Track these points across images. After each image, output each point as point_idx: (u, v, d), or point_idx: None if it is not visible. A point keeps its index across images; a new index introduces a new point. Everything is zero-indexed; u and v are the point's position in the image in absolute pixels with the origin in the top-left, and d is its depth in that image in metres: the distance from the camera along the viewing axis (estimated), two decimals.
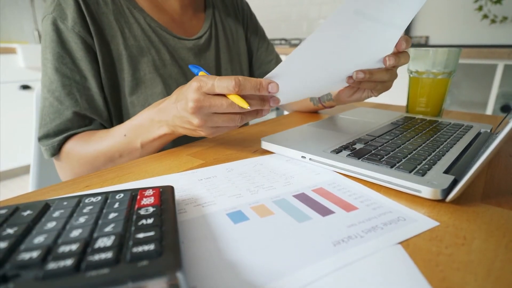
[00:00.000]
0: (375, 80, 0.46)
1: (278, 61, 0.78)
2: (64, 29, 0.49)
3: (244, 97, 0.36)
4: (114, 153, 0.46)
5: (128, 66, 0.53)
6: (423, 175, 0.32)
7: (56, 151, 0.50)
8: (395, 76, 0.48)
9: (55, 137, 0.50)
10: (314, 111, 0.72)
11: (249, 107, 0.35)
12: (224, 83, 0.34)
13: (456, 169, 0.34)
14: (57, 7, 0.49)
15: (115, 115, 0.55)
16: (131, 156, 0.46)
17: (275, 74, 0.35)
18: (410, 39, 0.44)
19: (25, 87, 2.03)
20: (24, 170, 2.21)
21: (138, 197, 0.26)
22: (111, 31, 0.52)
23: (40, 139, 0.50)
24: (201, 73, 0.40)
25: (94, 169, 0.48)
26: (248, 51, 0.75)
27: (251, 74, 0.77)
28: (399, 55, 0.44)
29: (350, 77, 0.45)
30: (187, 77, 0.60)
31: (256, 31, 0.76)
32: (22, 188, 2.02)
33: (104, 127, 0.53)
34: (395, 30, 0.40)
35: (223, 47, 0.66)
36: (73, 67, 0.50)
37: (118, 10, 0.53)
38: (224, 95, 0.36)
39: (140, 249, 0.19)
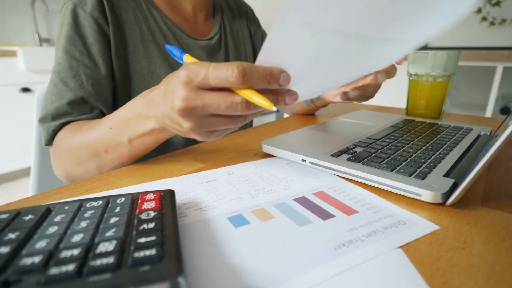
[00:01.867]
0: (365, 95, 0.52)
1: None
2: (82, 14, 0.50)
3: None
4: (98, 147, 0.42)
5: (144, 59, 0.55)
6: (423, 178, 0.32)
7: (51, 138, 0.48)
8: (379, 88, 0.53)
9: (52, 121, 0.48)
10: (309, 112, 0.74)
11: (274, 108, 0.27)
12: (222, 73, 0.26)
13: (456, 172, 0.34)
14: None
15: (123, 104, 0.55)
16: (117, 152, 0.41)
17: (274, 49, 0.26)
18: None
19: (26, 89, 2.03)
20: (24, 172, 2.21)
21: (139, 201, 0.26)
22: (130, 25, 0.54)
23: (39, 121, 0.50)
24: (187, 56, 0.33)
25: (80, 164, 0.45)
26: (253, 52, 0.79)
27: None
28: (389, 70, 0.46)
29: (345, 92, 0.52)
30: None
31: (259, 33, 0.80)
32: (22, 191, 2.01)
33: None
34: (409, 44, 0.34)
35: (231, 49, 0.69)
36: (83, 50, 0.50)
37: (137, 6, 0.55)
38: (225, 88, 0.28)
39: (141, 254, 0.19)
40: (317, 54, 0.27)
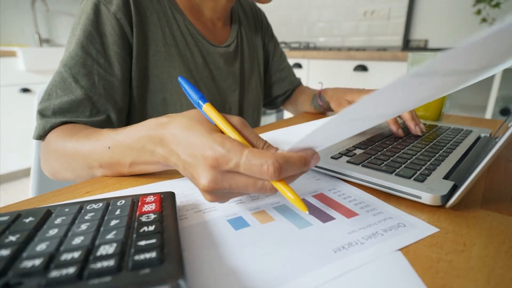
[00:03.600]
0: None
1: (289, 68, 0.85)
2: (105, 12, 0.48)
3: None
4: (93, 161, 0.38)
5: (165, 63, 0.55)
6: (423, 181, 0.32)
7: (46, 134, 0.45)
8: None
9: (52, 117, 0.45)
10: (316, 112, 0.77)
11: (307, 212, 0.25)
12: (255, 167, 0.24)
13: (456, 174, 0.35)
14: None
15: (138, 109, 0.55)
16: (114, 170, 0.38)
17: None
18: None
19: (26, 90, 2.03)
20: (24, 173, 2.21)
21: (140, 203, 0.26)
22: (153, 28, 0.54)
23: (39, 112, 0.46)
24: (208, 106, 0.30)
25: (71, 170, 0.42)
26: (265, 58, 0.81)
27: (267, 79, 0.83)
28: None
29: None
30: (215, 81, 0.63)
31: (272, 40, 0.82)
32: (22, 191, 2.01)
33: (110, 123, 0.50)
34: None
35: (246, 57, 0.71)
36: (100, 49, 0.48)
37: (162, 9, 0.55)
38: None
39: (142, 256, 0.19)
40: (352, 131, 0.28)
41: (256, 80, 0.74)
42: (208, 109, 0.30)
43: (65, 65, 0.47)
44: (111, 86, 0.49)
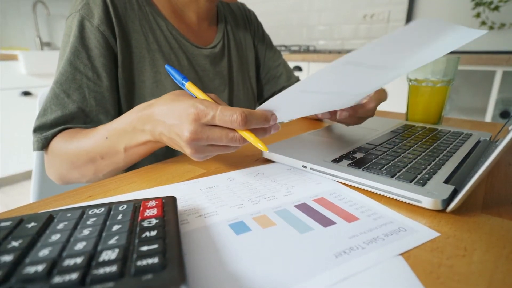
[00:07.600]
0: (356, 115, 0.49)
1: (285, 65, 0.83)
2: (89, 27, 0.50)
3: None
4: (95, 154, 0.44)
5: (150, 68, 0.56)
6: (423, 185, 0.32)
7: (48, 143, 0.49)
8: (372, 114, 0.51)
9: (50, 129, 0.48)
10: (314, 119, 0.76)
11: (268, 150, 0.34)
12: (227, 117, 0.32)
13: (456, 178, 0.35)
14: (85, 6, 0.50)
15: None
16: (113, 159, 0.43)
17: (276, 101, 0.34)
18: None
19: (26, 93, 2.04)
20: (25, 176, 2.21)
21: (141, 208, 0.26)
22: (136, 35, 0.54)
23: (35, 130, 0.49)
24: (190, 84, 0.38)
25: (75, 168, 0.46)
26: (256, 58, 0.80)
27: (258, 80, 0.82)
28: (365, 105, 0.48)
29: (334, 113, 0.49)
30: (202, 83, 0.63)
31: (263, 39, 0.81)
32: (23, 194, 2.01)
33: None
34: (397, 72, 0.40)
35: (234, 56, 0.71)
36: (87, 62, 0.50)
37: (144, 16, 0.56)
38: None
39: (144, 262, 0.19)
40: (303, 102, 0.36)
41: (246, 79, 0.74)
42: (190, 86, 0.37)
43: (56, 82, 0.50)
44: (101, 96, 0.51)
